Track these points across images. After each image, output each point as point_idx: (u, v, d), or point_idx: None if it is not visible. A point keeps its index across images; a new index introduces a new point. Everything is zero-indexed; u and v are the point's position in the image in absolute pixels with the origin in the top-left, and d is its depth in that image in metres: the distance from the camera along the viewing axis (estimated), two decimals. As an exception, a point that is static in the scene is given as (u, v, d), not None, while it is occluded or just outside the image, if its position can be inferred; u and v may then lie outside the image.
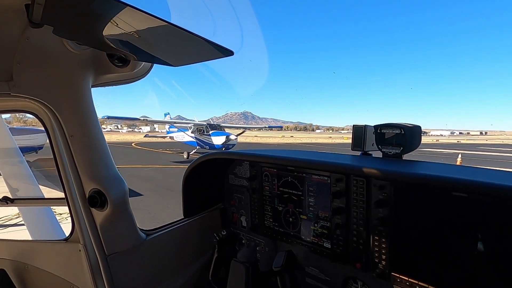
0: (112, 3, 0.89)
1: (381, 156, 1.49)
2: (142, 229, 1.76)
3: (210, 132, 23.96)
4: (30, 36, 1.26)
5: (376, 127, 1.44)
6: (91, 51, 1.42)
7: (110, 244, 1.61)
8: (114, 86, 1.71)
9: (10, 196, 2.17)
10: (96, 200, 1.49)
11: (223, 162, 2.01)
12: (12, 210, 8.82)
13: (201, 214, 2.04)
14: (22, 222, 7.82)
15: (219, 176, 2.08)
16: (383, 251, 1.31)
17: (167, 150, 30.60)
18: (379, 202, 1.29)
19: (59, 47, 1.35)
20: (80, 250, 1.67)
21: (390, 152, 1.42)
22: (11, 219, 8.40)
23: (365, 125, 1.49)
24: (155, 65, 1.57)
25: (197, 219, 2.01)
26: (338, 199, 1.44)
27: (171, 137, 30.44)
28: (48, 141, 1.63)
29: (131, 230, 1.67)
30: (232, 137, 22.72)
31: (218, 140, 22.67)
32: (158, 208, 9.11)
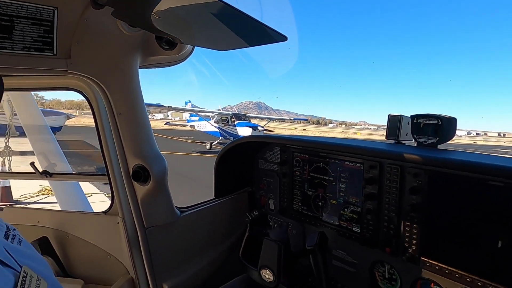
0: None
1: (415, 145, 1.53)
2: (177, 206, 1.85)
3: (236, 122, 23.08)
4: (89, 17, 1.33)
5: (413, 117, 1.48)
6: (142, 33, 1.49)
7: (149, 217, 1.71)
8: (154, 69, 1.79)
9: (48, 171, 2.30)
10: (140, 175, 1.59)
11: (253, 147, 2.08)
12: (32, 189, 9.18)
13: (230, 195, 2.12)
14: (42, 200, 8.12)
15: (248, 161, 2.15)
16: (414, 236, 1.36)
17: (182, 138, 30.27)
18: (413, 189, 1.34)
19: (113, 28, 1.42)
20: (118, 223, 1.77)
21: (426, 141, 1.46)
22: (31, 197, 8.74)
23: (401, 114, 1.53)
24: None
25: (226, 200, 2.09)
26: (371, 185, 1.49)
27: (192, 126, 29.61)
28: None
29: (168, 206, 1.76)
30: (260, 128, 21.83)
31: (244, 131, 21.44)
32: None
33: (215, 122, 24.65)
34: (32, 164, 2.17)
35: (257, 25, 1.09)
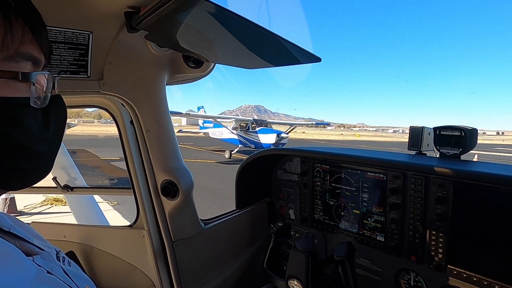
0: (204, 7, 0.97)
1: (438, 156, 1.58)
2: (201, 219, 1.89)
3: (257, 129, 21.15)
4: (121, 39, 1.38)
5: (435, 128, 1.54)
6: (169, 53, 1.54)
7: (176, 231, 1.75)
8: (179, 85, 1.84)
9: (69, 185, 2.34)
10: (169, 190, 1.63)
11: (273, 158, 2.12)
12: (35, 199, 9.20)
13: (251, 206, 2.16)
14: (46, 210, 8.12)
15: (267, 171, 2.19)
16: (440, 245, 1.40)
17: (192, 146, 28.82)
18: (438, 199, 1.38)
19: (144, 49, 1.47)
20: (144, 236, 1.80)
21: (449, 152, 1.51)
22: (35, 207, 8.76)
23: (423, 126, 1.58)
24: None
25: (247, 211, 2.13)
26: (395, 195, 1.53)
27: (206, 133, 27.67)
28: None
29: (193, 219, 1.80)
30: (284, 135, 20.06)
31: (267, 139, 20.01)
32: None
33: (233, 128, 23.00)
34: (55, 179, 2.20)
35: (291, 46, 1.13)
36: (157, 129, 1.61)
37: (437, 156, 1.59)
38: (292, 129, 23.80)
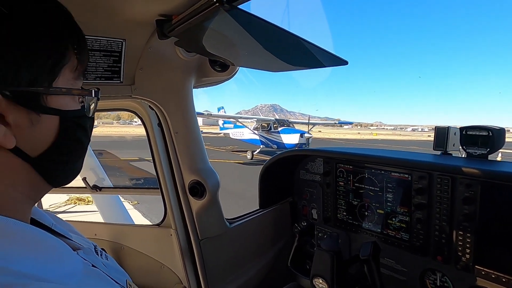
0: (236, 15, 1.01)
1: (465, 156, 1.57)
2: (226, 218, 1.94)
3: (279, 129, 20.50)
4: (152, 46, 1.44)
5: (462, 128, 1.53)
6: (197, 58, 1.59)
7: (203, 230, 1.80)
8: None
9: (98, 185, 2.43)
10: (196, 190, 1.68)
11: (295, 158, 2.15)
12: (60, 198, 9.51)
13: (274, 206, 2.20)
14: (70, 210, 8.38)
15: (290, 172, 2.22)
16: (467, 245, 1.40)
17: (212, 147, 28.01)
18: (465, 199, 1.38)
19: (172, 55, 1.53)
20: (171, 235, 1.87)
21: (476, 152, 1.50)
22: (60, 206, 9.06)
23: (448, 126, 1.57)
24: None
25: (270, 210, 2.17)
26: (420, 195, 1.53)
27: (226, 134, 27.25)
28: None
29: (219, 218, 1.85)
30: (307, 135, 19.38)
31: (290, 139, 19.43)
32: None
33: (254, 129, 22.29)
34: (84, 179, 2.30)
35: (316, 50, 1.16)
36: (184, 131, 1.67)
37: (464, 156, 1.59)
38: (312, 128, 23.05)
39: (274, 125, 21.10)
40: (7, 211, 0.55)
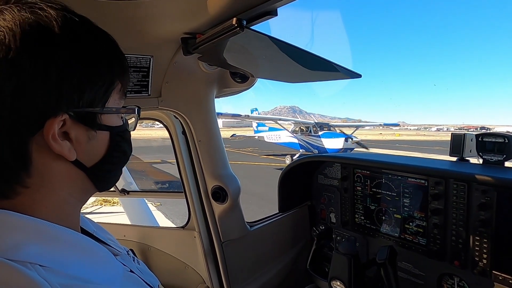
0: (253, 36, 1.09)
1: (481, 163, 1.59)
2: (247, 221, 2.02)
3: (320, 133, 19.48)
4: (177, 61, 1.54)
5: (477, 135, 1.55)
6: (218, 70, 1.69)
7: (225, 232, 1.90)
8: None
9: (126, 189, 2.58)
10: (218, 195, 1.78)
11: (313, 164, 2.21)
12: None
13: (293, 210, 2.26)
14: (97, 210, 8.67)
15: (308, 176, 2.28)
16: (484, 251, 1.42)
17: (242, 151, 27.51)
18: (481, 205, 1.40)
19: (196, 68, 1.63)
20: (195, 237, 1.97)
21: (492, 159, 1.52)
22: (87, 207, 9.43)
23: (464, 133, 1.60)
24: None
25: (289, 214, 2.24)
26: (437, 201, 1.56)
27: (261, 137, 26.12)
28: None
29: (240, 221, 1.94)
30: (354, 139, 18.47)
31: (332, 144, 18.38)
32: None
33: (292, 132, 21.34)
34: (113, 183, 2.45)
35: (330, 65, 1.23)
36: (207, 139, 1.77)
37: (480, 162, 1.60)
38: (355, 131, 22.45)
39: (314, 129, 20.18)
40: (64, 218, 0.64)
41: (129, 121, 0.80)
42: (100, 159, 0.68)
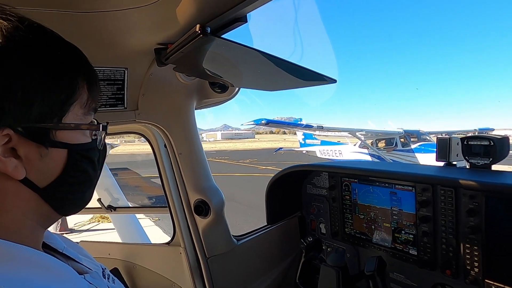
0: (223, 44, 1.06)
1: (468, 167, 1.54)
2: (233, 235, 1.96)
3: (413, 146, 14.42)
4: (153, 73, 1.51)
5: (463, 139, 1.51)
6: (197, 81, 1.66)
7: (210, 248, 1.83)
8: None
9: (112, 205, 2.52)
10: (201, 209, 1.73)
11: (301, 173, 2.16)
12: (84, 217, 9.77)
13: (282, 221, 2.20)
14: (93, 228, 8.57)
15: (296, 186, 2.23)
16: (475, 258, 1.36)
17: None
18: (470, 211, 1.35)
19: (173, 79, 1.60)
20: (180, 253, 1.91)
21: (479, 163, 1.47)
22: (84, 225, 9.31)
23: (450, 137, 1.56)
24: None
25: (278, 226, 2.18)
26: (425, 208, 1.51)
27: (310, 152, 22.00)
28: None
29: (226, 236, 1.88)
30: None
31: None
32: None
33: (361, 146, 16.95)
34: (99, 200, 2.39)
35: (307, 72, 1.19)
36: (188, 152, 1.72)
37: (467, 166, 1.55)
38: None
39: (401, 140, 15.25)
40: (20, 237, 0.59)
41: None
42: (54, 179, 0.62)
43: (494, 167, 1.48)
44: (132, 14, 1.01)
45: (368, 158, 16.05)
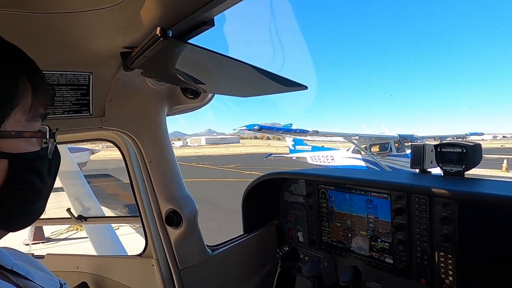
0: (189, 49, 1.02)
1: (442, 174, 1.54)
2: (208, 245, 1.89)
3: (408, 151, 13.35)
4: (120, 77, 1.45)
5: (436, 146, 1.50)
6: (168, 86, 1.60)
7: (183, 259, 1.76)
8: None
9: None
10: (172, 219, 1.65)
11: (278, 180, 2.12)
12: (62, 225, 9.42)
13: (259, 230, 2.15)
14: (72, 236, 8.29)
15: (274, 194, 2.19)
16: (450, 267, 1.35)
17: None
18: (443, 219, 1.34)
19: (142, 85, 1.54)
20: (153, 265, 1.82)
21: (452, 170, 1.47)
22: (62, 233, 8.98)
23: (424, 144, 1.55)
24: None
25: (255, 234, 2.12)
26: (400, 215, 1.49)
27: (301, 158, 21.19)
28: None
29: (200, 246, 1.81)
30: None
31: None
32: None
33: (354, 152, 16.51)
34: (68, 210, 2.28)
35: (277, 78, 1.16)
36: (159, 160, 1.65)
37: (441, 174, 1.55)
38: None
39: (396, 145, 14.89)
40: None
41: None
42: None
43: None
44: (95, 15, 0.96)
45: (362, 163, 15.82)
